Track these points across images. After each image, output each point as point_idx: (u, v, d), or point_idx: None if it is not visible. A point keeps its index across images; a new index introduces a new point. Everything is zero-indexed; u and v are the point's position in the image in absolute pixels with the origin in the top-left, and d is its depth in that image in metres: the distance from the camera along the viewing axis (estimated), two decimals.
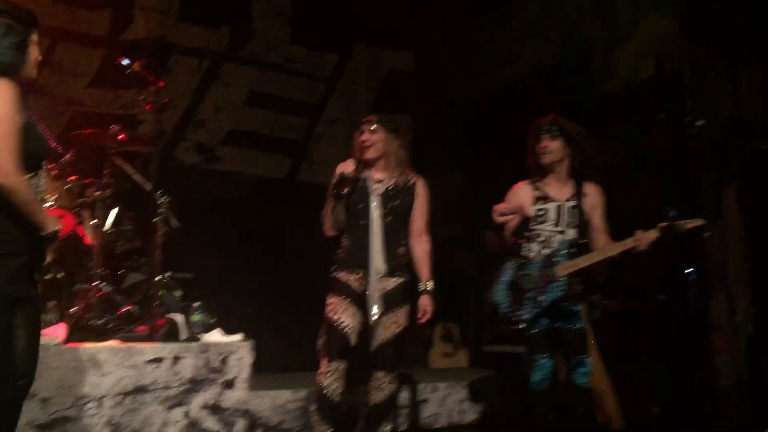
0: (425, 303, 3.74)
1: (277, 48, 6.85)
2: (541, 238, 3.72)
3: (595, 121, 4.47)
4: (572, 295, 3.64)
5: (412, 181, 3.82)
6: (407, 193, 3.79)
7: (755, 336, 4.41)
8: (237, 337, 4.21)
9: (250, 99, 6.74)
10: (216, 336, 4.26)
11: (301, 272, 6.26)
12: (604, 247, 3.63)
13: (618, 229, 3.72)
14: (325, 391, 3.63)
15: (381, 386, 3.69)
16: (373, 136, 3.75)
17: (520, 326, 3.70)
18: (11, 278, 2.51)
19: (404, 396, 4.91)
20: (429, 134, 7.27)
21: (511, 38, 6.68)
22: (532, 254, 3.72)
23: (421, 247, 3.80)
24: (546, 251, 3.68)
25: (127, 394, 3.76)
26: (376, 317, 3.64)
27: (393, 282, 3.71)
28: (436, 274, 3.79)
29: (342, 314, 3.67)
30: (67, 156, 4.41)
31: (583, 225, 3.68)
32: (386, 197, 3.74)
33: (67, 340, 3.81)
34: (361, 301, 3.70)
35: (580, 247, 3.65)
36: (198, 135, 6.49)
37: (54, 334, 3.73)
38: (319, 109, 7.09)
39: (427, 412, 5.03)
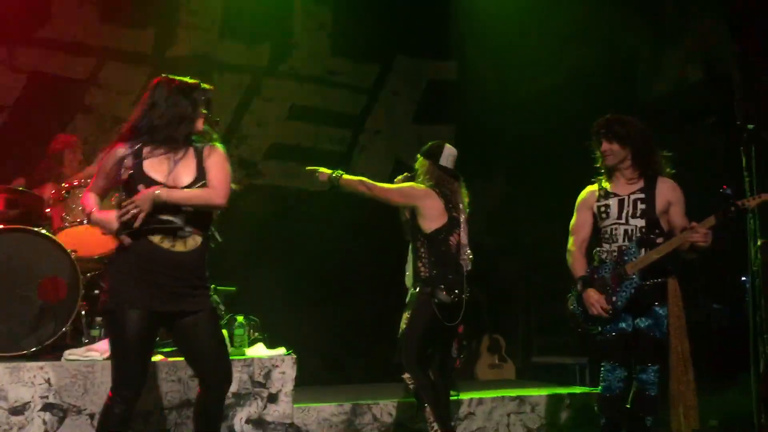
0: None
1: (318, 61, 6.89)
2: (607, 234, 3.66)
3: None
4: (646, 293, 3.53)
5: None
6: None
7: None
8: (280, 351, 4.21)
9: (292, 112, 6.78)
10: (259, 350, 4.27)
11: (341, 286, 6.25)
12: (669, 241, 3.53)
13: None
14: None
15: None
16: None
17: (593, 331, 3.64)
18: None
19: (450, 409, 4.84)
20: (471, 144, 7.19)
21: (552, 44, 6.59)
22: (604, 254, 3.67)
23: None
24: (614, 247, 3.61)
25: (172, 408, 3.79)
26: None
27: None
28: (482, 285, 3.75)
29: None
30: None
31: (652, 218, 3.57)
32: None
33: None
34: None
35: (650, 242, 3.55)
36: (241, 150, 6.55)
37: (100, 349, 3.77)
38: (361, 120, 7.11)
39: (473, 425, 4.96)
